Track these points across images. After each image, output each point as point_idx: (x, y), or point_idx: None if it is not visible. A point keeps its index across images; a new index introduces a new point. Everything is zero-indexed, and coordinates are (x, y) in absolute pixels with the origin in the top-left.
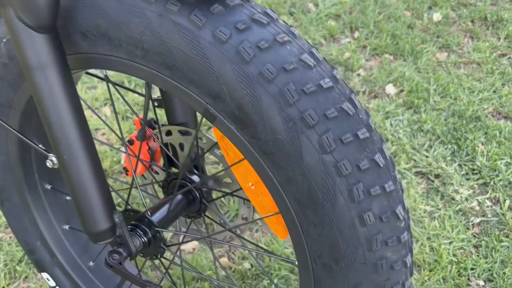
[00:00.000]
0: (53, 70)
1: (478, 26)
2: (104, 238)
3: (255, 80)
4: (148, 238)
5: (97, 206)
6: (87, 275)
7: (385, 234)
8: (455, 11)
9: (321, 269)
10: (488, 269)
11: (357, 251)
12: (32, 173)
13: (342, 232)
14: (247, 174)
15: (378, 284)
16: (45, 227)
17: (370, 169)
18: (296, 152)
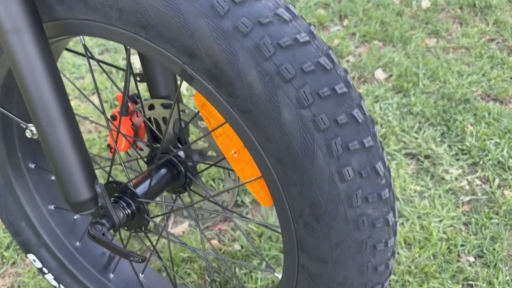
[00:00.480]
0: (28, 35)
1: (466, 12)
2: (85, 208)
3: (230, 34)
4: (132, 210)
5: (78, 175)
6: (74, 255)
7: (365, 190)
8: None
9: (303, 230)
10: (478, 245)
11: (337, 208)
12: (14, 150)
13: (322, 189)
14: (229, 142)
15: (360, 241)
16: (30, 208)
17: (348, 124)
18: (273, 108)
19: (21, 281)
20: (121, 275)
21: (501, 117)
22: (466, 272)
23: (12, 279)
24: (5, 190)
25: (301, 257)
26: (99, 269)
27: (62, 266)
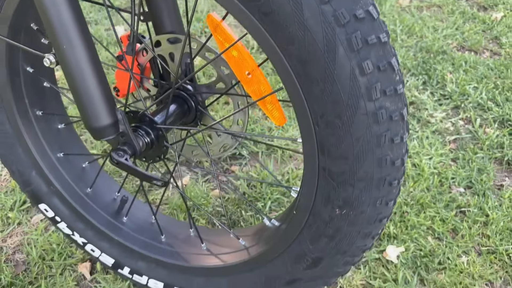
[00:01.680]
0: None
1: None
2: (106, 134)
3: None
4: (151, 138)
5: (98, 99)
6: (85, 202)
7: (383, 84)
8: None
9: (324, 129)
10: (467, 177)
11: (358, 102)
12: (22, 98)
13: (344, 84)
14: (242, 63)
15: (379, 135)
16: (39, 156)
17: (366, 19)
18: (296, 7)
19: (30, 239)
20: (134, 219)
21: (477, 64)
22: (458, 201)
23: (20, 237)
24: (14, 139)
25: (322, 160)
26: (112, 214)
27: (75, 213)
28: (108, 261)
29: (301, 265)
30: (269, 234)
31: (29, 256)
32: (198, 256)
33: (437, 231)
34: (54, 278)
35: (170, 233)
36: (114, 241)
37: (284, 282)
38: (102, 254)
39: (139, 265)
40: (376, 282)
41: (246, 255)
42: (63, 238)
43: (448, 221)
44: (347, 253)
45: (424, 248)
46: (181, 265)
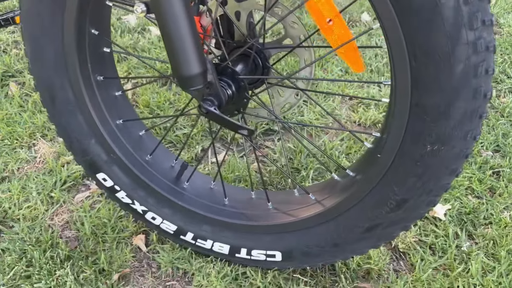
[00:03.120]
0: None
1: None
2: (196, 83)
3: None
4: (232, 90)
5: (191, 48)
6: (146, 169)
7: (482, 13)
8: None
9: (422, 63)
10: (494, 141)
11: (460, 31)
12: (85, 62)
13: (448, 13)
14: (324, 11)
15: (476, 65)
16: (101, 123)
17: None
18: None
19: (77, 216)
20: (194, 185)
21: None
22: (490, 163)
23: (66, 215)
24: (76, 107)
25: (415, 95)
26: (172, 180)
27: (135, 181)
28: (170, 228)
29: (383, 210)
30: (343, 184)
31: (79, 232)
32: (266, 214)
33: (476, 190)
34: (111, 250)
35: (232, 197)
36: (176, 207)
37: (363, 229)
38: (164, 221)
39: (203, 229)
40: (429, 239)
41: (320, 207)
42: (112, 214)
43: (485, 181)
44: (432, 192)
45: (467, 206)
46: (249, 224)
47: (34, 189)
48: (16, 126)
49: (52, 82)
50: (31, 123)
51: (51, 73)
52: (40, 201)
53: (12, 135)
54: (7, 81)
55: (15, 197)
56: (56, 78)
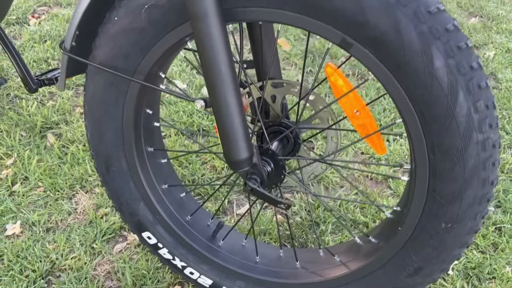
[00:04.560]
0: (214, 19)
1: None
2: (244, 166)
3: (394, 6)
4: (271, 168)
5: (241, 137)
6: (186, 228)
7: (489, 119)
8: None
9: (439, 157)
10: (495, 197)
11: (472, 134)
12: (140, 137)
13: (461, 120)
14: (353, 103)
15: (485, 160)
16: (149, 188)
17: (477, 68)
18: (427, 59)
19: (118, 267)
20: (229, 242)
21: None
22: (493, 219)
23: (107, 266)
24: (127, 175)
25: (433, 182)
26: (209, 238)
27: (177, 239)
28: (206, 283)
29: (402, 274)
30: (367, 249)
31: (121, 282)
32: (295, 272)
33: (480, 245)
34: None
35: (263, 254)
36: (213, 263)
37: None
38: (201, 276)
39: (236, 284)
40: None
41: (345, 269)
42: (150, 265)
43: (488, 237)
44: (445, 261)
45: (472, 261)
46: (280, 282)
47: (77, 240)
48: (57, 178)
49: (109, 154)
50: (70, 175)
51: (109, 147)
52: (83, 252)
53: (54, 187)
54: (45, 132)
55: (61, 248)
56: (113, 151)
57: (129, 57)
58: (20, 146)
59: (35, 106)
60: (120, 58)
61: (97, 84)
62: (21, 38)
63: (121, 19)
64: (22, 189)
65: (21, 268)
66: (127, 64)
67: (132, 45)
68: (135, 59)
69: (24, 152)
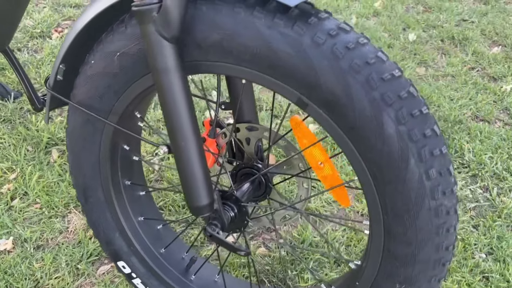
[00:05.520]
0: (175, 73)
1: (447, 44)
2: (204, 212)
3: (347, 72)
4: (235, 212)
5: (202, 184)
6: (160, 261)
7: (443, 186)
8: (426, 31)
9: (392, 219)
10: (488, 243)
11: (423, 200)
12: (117, 171)
13: (413, 186)
14: (317, 155)
15: (438, 226)
16: (125, 219)
17: (431, 136)
18: (378, 125)
19: None
20: (201, 277)
21: (491, 135)
22: (482, 266)
23: None
24: (104, 206)
25: (387, 242)
26: (181, 272)
27: (150, 271)
28: None
29: None
30: None
31: None
32: None
33: None
34: None
35: None
36: None
37: None
38: None
39: None
40: None
41: None
42: None
43: (473, 286)
44: None
45: None
46: None
47: (63, 260)
48: (54, 196)
49: (87, 184)
50: (67, 193)
51: (87, 177)
52: (68, 272)
53: (50, 204)
54: (50, 148)
55: (46, 267)
56: (91, 182)
57: (104, 98)
58: (25, 161)
59: (44, 122)
60: (96, 98)
61: (76, 119)
62: (42, 52)
63: (97, 62)
64: (20, 205)
65: (7, 285)
66: (102, 105)
67: (106, 87)
68: (110, 100)
69: (27, 168)
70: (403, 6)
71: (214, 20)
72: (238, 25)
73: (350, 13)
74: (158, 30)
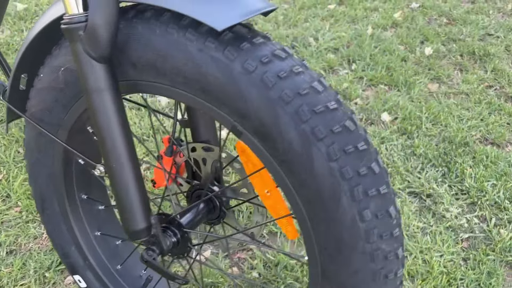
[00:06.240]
0: (107, 94)
1: (466, 59)
2: (140, 236)
3: (276, 102)
4: (177, 238)
5: (137, 208)
6: (115, 278)
7: (380, 229)
8: (445, 45)
9: (326, 260)
10: (476, 279)
11: (357, 243)
12: (72, 184)
13: (345, 226)
14: (264, 183)
15: (374, 271)
16: (80, 234)
17: (367, 174)
18: (308, 160)
19: None
20: None
21: (498, 160)
22: None
23: None
24: (60, 218)
25: (323, 282)
26: None
27: (104, 286)
28: None
29: None
30: None
31: None
32: None
33: None
34: None
35: None
36: None
37: None
38: None
39: None
40: None
41: None
42: None
43: None
44: None
45: None
46: None
47: (32, 266)
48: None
49: (43, 196)
50: None
51: (43, 190)
52: (34, 280)
53: (29, 209)
54: None
55: (14, 273)
56: (47, 195)
57: (53, 112)
58: (13, 163)
59: None
60: (45, 112)
61: (31, 131)
62: None
63: (45, 76)
64: (1, 207)
65: None
66: (52, 118)
67: (54, 101)
68: (59, 114)
69: (14, 170)
70: (425, 17)
71: (148, 40)
72: (171, 47)
73: (367, 23)
74: (86, 49)
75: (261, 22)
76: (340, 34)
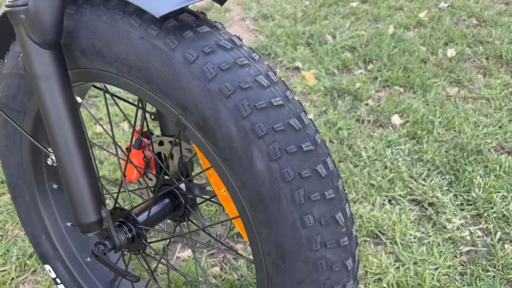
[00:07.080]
0: (54, 80)
1: (492, 63)
2: (91, 229)
3: (216, 95)
4: (133, 234)
5: (87, 200)
6: (84, 270)
7: (324, 236)
8: (471, 48)
9: (271, 266)
10: None
11: (299, 250)
12: (41, 173)
13: (286, 232)
14: (219, 182)
15: (319, 282)
16: (50, 223)
17: (311, 177)
18: (248, 159)
19: None
20: None
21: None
22: None
23: (31, 286)
24: (31, 207)
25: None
26: (105, 284)
27: (73, 279)
28: None
29: None
30: None
31: None
32: None
33: None
34: None
35: None
36: None
37: None
38: None
39: None
40: None
41: None
42: None
43: None
44: None
45: None
46: None
47: (15, 254)
48: None
49: (14, 183)
50: None
51: (13, 177)
52: (15, 266)
53: None
54: None
55: None
56: (18, 183)
57: (17, 98)
58: None
59: None
60: (10, 98)
61: None
62: None
63: (8, 61)
64: None
65: None
66: (17, 105)
67: (17, 87)
68: (23, 101)
69: None
70: (453, 18)
71: (95, 26)
72: (115, 34)
73: (389, 22)
74: (28, 34)
75: (278, 18)
76: (359, 33)
